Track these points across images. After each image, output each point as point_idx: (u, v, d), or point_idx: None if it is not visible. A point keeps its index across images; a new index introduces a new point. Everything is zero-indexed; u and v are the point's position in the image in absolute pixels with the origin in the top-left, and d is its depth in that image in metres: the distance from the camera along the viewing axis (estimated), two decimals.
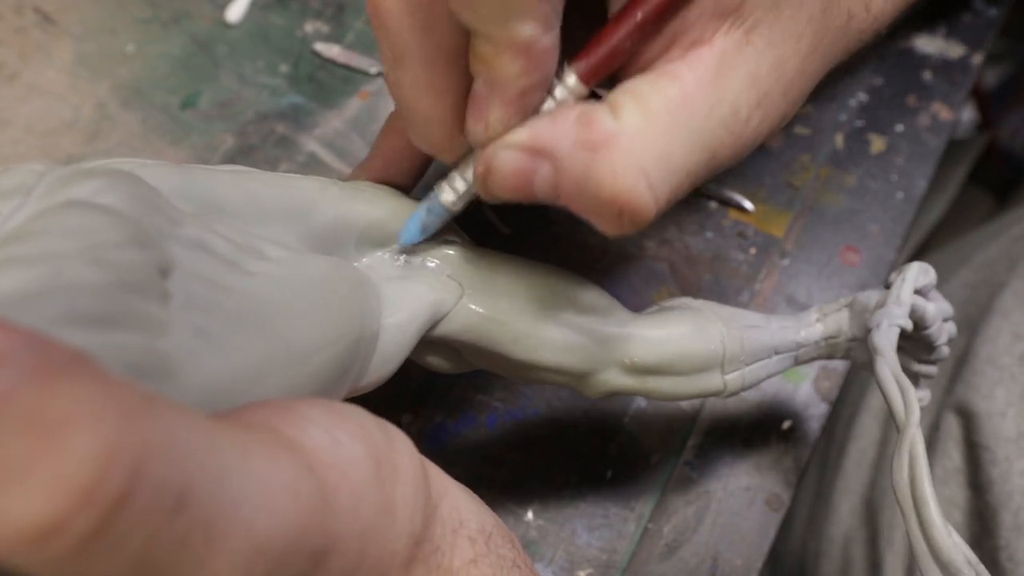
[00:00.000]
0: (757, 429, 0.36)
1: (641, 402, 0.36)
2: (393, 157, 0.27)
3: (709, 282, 0.38)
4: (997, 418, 0.37)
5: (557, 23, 0.20)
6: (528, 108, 0.21)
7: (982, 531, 0.36)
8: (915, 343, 0.29)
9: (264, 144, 0.38)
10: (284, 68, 0.40)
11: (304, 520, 0.14)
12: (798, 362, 0.30)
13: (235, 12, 0.41)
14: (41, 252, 0.14)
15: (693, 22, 0.21)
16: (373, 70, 0.41)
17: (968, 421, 0.39)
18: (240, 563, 0.13)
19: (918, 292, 0.27)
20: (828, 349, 0.29)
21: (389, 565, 0.17)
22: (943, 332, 0.28)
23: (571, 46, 0.21)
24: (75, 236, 0.15)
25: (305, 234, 0.22)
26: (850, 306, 0.29)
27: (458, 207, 0.24)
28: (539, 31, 0.19)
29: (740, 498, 0.35)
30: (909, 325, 0.27)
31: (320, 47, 0.41)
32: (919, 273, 0.27)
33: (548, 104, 0.22)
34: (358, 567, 0.16)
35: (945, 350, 0.29)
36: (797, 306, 0.38)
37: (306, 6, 0.42)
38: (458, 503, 0.21)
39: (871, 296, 0.28)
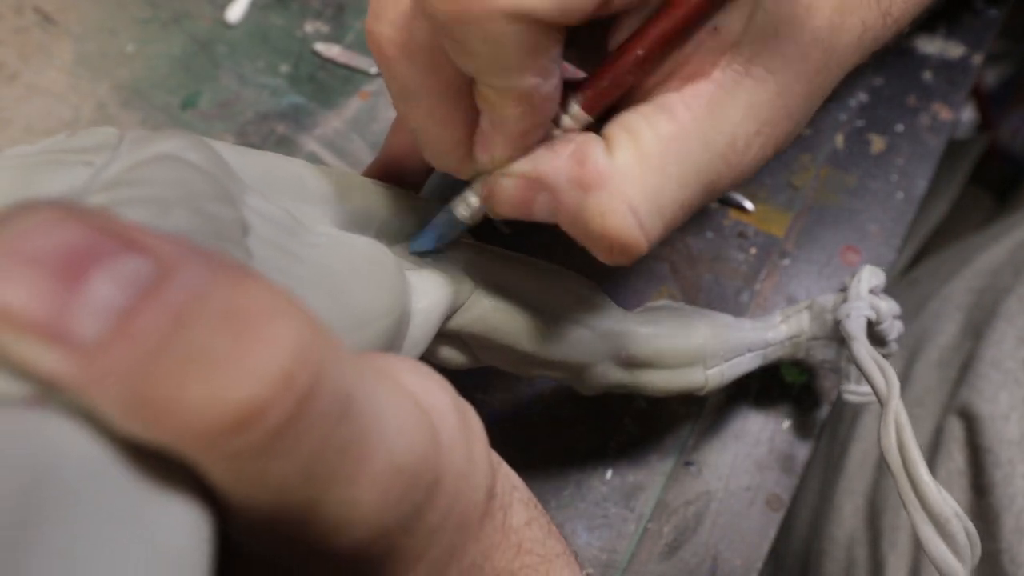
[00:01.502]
0: (757, 429, 0.36)
1: (641, 402, 0.36)
2: (404, 155, 0.27)
3: (709, 282, 0.38)
4: (1000, 421, 0.37)
5: (557, 70, 0.20)
6: (529, 144, 0.22)
7: (984, 534, 0.36)
8: (869, 338, 0.31)
9: (264, 144, 0.38)
10: (284, 68, 0.40)
11: (425, 451, 0.15)
12: (766, 360, 0.32)
13: (235, 12, 0.41)
14: (146, 195, 0.15)
15: (692, 55, 0.21)
16: (373, 70, 0.41)
17: (971, 424, 0.39)
18: (381, 480, 0.13)
19: (871, 292, 0.31)
20: (791, 348, 0.32)
21: (471, 514, 0.17)
22: (894, 328, 0.31)
23: (586, 63, 0.22)
24: (173, 185, 0.15)
25: (337, 218, 0.23)
26: (809, 308, 0.32)
27: (473, 221, 0.25)
28: (539, 80, 0.20)
29: (740, 498, 0.34)
30: (874, 315, 0.30)
31: (320, 47, 0.41)
32: (871, 275, 0.31)
33: (554, 131, 0.22)
34: (452, 508, 0.16)
35: (895, 345, 0.32)
36: None
37: (306, 6, 0.42)
38: (507, 470, 0.21)
39: (828, 298, 0.32)
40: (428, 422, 0.15)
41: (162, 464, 0.11)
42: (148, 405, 0.10)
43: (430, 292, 0.24)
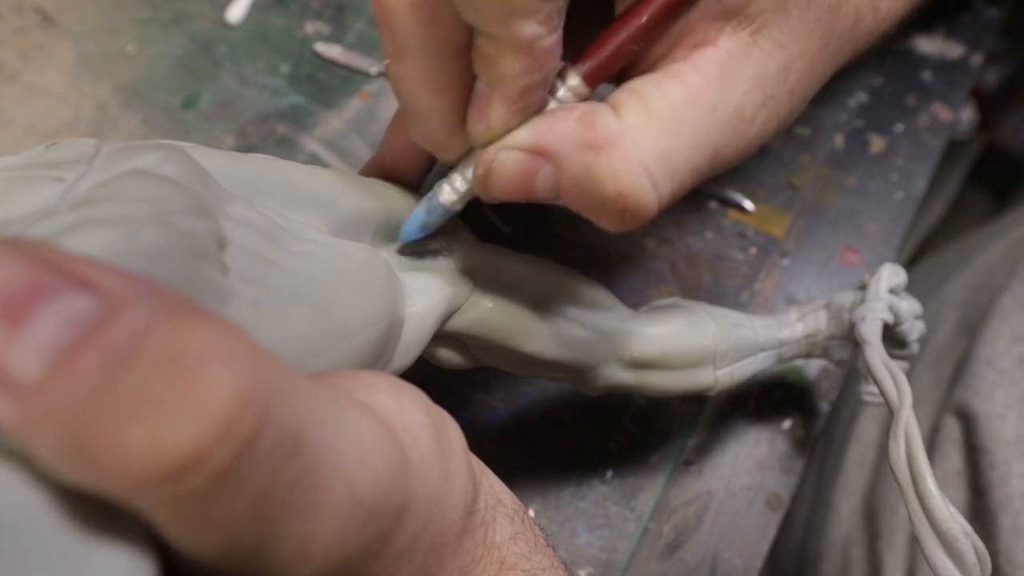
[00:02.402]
0: (757, 429, 0.36)
1: (641, 401, 0.36)
2: (402, 152, 0.27)
3: (709, 282, 0.38)
4: (996, 421, 0.37)
5: (560, 23, 0.20)
6: (530, 108, 0.21)
7: (981, 534, 0.36)
8: (888, 339, 0.30)
9: (264, 144, 0.38)
10: (284, 68, 0.40)
11: (391, 476, 0.15)
12: (780, 360, 0.31)
13: (235, 12, 0.41)
14: (115, 214, 0.14)
15: (697, 23, 0.21)
16: (373, 70, 0.41)
17: (968, 424, 0.39)
18: (340, 513, 0.13)
19: (891, 292, 0.29)
20: (807, 347, 0.31)
21: (447, 533, 0.17)
22: (915, 329, 0.30)
23: (573, 46, 0.21)
24: (144, 202, 0.15)
25: (331, 222, 0.23)
26: (827, 306, 0.31)
27: (458, 206, 0.24)
28: (542, 30, 0.19)
29: (740, 498, 0.35)
30: (891, 318, 0.29)
31: (320, 47, 0.41)
32: (891, 273, 0.30)
33: (551, 105, 0.22)
34: (425, 530, 0.16)
35: (915, 346, 0.31)
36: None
37: (306, 7, 0.42)
38: (493, 482, 0.21)
39: (846, 296, 0.30)
40: (395, 446, 0.15)
41: (104, 509, 0.11)
42: (85, 450, 0.10)
43: (426, 295, 0.24)
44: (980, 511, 0.37)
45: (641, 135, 0.20)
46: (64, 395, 0.10)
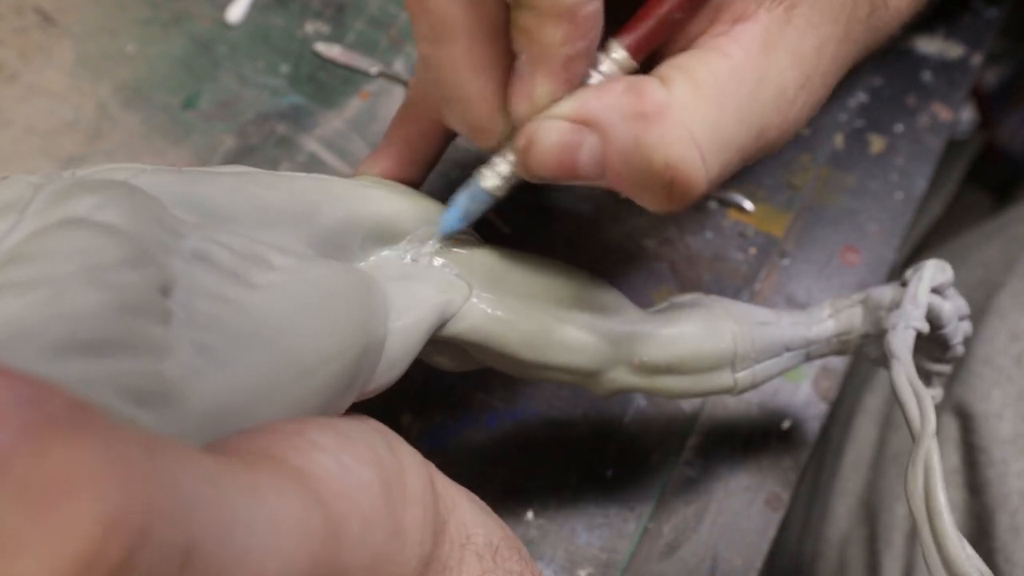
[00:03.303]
0: (757, 429, 0.36)
1: (641, 402, 0.36)
2: (406, 146, 0.26)
3: (709, 282, 0.38)
4: (993, 419, 0.37)
5: None
6: (574, 80, 0.20)
7: (979, 532, 0.36)
8: (930, 342, 0.28)
9: (264, 144, 0.38)
10: (284, 68, 0.40)
11: (314, 557, 0.14)
12: (809, 358, 0.29)
13: (235, 12, 0.41)
14: (38, 276, 0.14)
15: None
16: (373, 70, 0.41)
17: (965, 422, 0.39)
18: None
19: (935, 290, 0.27)
20: (840, 345, 0.29)
21: None
22: (959, 331, 0.28)
23: (614, 24, 0.21)
24: (73, 257, 0.14)
25: (311, 236, 0.22)
26: (864, 302, 0.28)
27: (502, 192, 0.23)
28: None
29: (740, 498, 0.35)
30: (926, 327, 0.26)
31: (320, 47, 0.41)
32: (936, 271, 0.27)
33: (594, 78, 0.21)
34: None
35: (960, 349, 0.28)
36: (797, 306, 0.38)
37: (306, 6, 0.42)
38: (465, 517, 0.20)
39: (885, 292, 0.28)
40: (321, 522, 0.15)
41: None
42: None
43: (413, 307, 0.23)
44: (977, 509, 0.37)
45: (690, 106, 0.19)
46: None
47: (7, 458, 0.10)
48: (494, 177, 0.23)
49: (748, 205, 0.39)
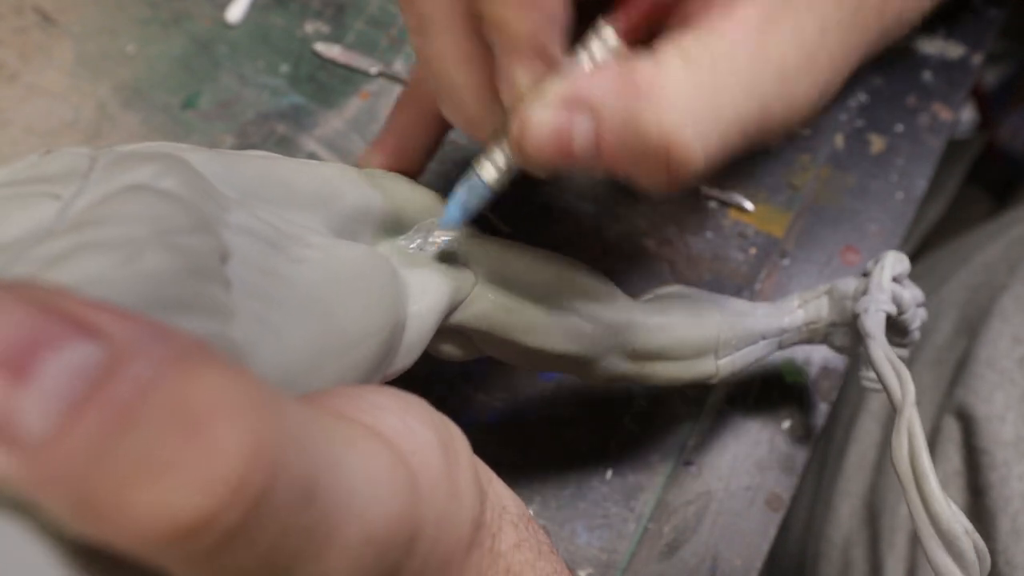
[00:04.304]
0: (757, 429, 0.36)
1: (641, 402, 0.36)
2: (406, 134, 0.26)
3: (709, 282, 0.38)
4: (996, 422, 0.37)
5: None
6: (550, 58, 0.20)
7: (980, 535, 0.36)
8: (890, 327, 0.30)
9: (264, 144, 0.38)
10: (284, 68, 0.40)
11: (402, 508, 0.14)
12: (781, 347, 0.31)
13: (235, 12, 0.41)
14: (117, 236, 0.14)
15: None
16: (373, 70, 0.41)
17: (967, 424, 0.38)
18: (352, 552, 0.13)
19: (894, 280, 0.29)
20: (809, 334, 0.31)
21: (455, 549, 0.17)
22: (916, 317, 0.30)
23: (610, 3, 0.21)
24: (147, 221, 0.15)
25: (330, 221, 0.22)
26: (829, 293, 0.31)
27: (500, 184, 0.23)
28: None
29: (740, 498, 0.35)
30: (894, 310, 0.29)
31: (320, 47, 0.41)
32: (895, 261, 0.29)
33: (582, 58, 0.21)
34: (433, 551, 0.16)
35: (917, 334, 0.31)
36: None
37: (306, 6, 0.42)
38: (499, 488, 0.21)
39: (849, 283, 0.30)
40: (405, 477, 0.15)
41: (114, 558, 0.11)
42: (93, 510, 0.10)
43: (427, 292, 0.23)
44: (979, 512, 0.37)
45: (685, 82, 0.19)
46: (69, 454, 0.10)
47: (152, 387, 0.10)
48: (491, 168, 0.22)
49: (748, 205, 0.39)
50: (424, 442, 0.16)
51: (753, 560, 0.33)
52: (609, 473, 0.35)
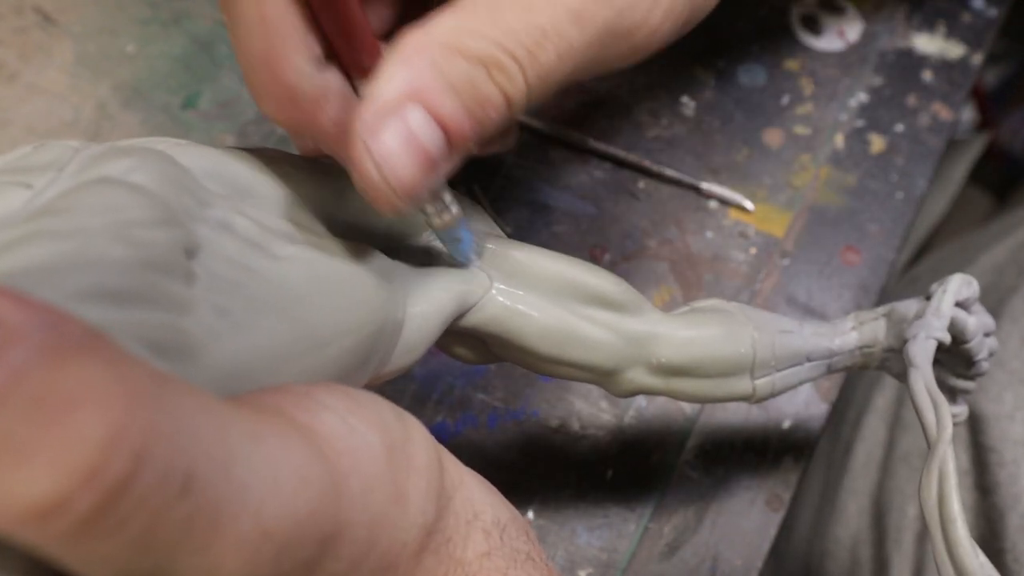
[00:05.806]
0: (757, 429, 0.36)
1: (641, 402, 0.36)
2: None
3: (709, 282, 0.38)
4: (1005, 421, 0.37)
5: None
6: (291, 93, 0.20)
7: (989, 533, 0.36)
8: (954, 357, 0.28)
9: (264, 144, 0.38)
10: None
11: (313, 505, 0.15)
12: (831, 370, 0.29)
13: None
14: (70, 227, 0.15)
15: None
16: None
17: (976, 423, 0.39)
18: (246, 546, 0.13)
19: (960, 305, 0.27)
20: (863, 358, 0.29)
21: (399, 554, 0.17)
22: (983, 347, 0.27)
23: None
24: (103, 213, 0.15)
25: (334, 220, 0.22)
26: (888, 315, 0.28)
27: (456, 222, 0.23)
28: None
29: (740, 498, 0.35)
30: (947, 338, 0.26)
31: None
32: (961, 285, 0.27)
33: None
34: (367, 555, 0.16)
35: (985, 365, 0.28)
36: (797, 306, 0.38)
37: None
38: (473, 494, 0.20)
39: (910, 306, 0.27)
40: (321, 475, 0.15)
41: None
42: None
43: (433, 295, 0.23)
44: (987, 510, 0.37)
45: (469, 20, 0.19)
46: None
47: (22, 373, 0.10)
48: (435, 216, 0.22)
49: (748, 205, 0.39)
50: (363, 444, 0.16)
51: (753, 560, 0.33)
52: (609, 473, 0.35)
